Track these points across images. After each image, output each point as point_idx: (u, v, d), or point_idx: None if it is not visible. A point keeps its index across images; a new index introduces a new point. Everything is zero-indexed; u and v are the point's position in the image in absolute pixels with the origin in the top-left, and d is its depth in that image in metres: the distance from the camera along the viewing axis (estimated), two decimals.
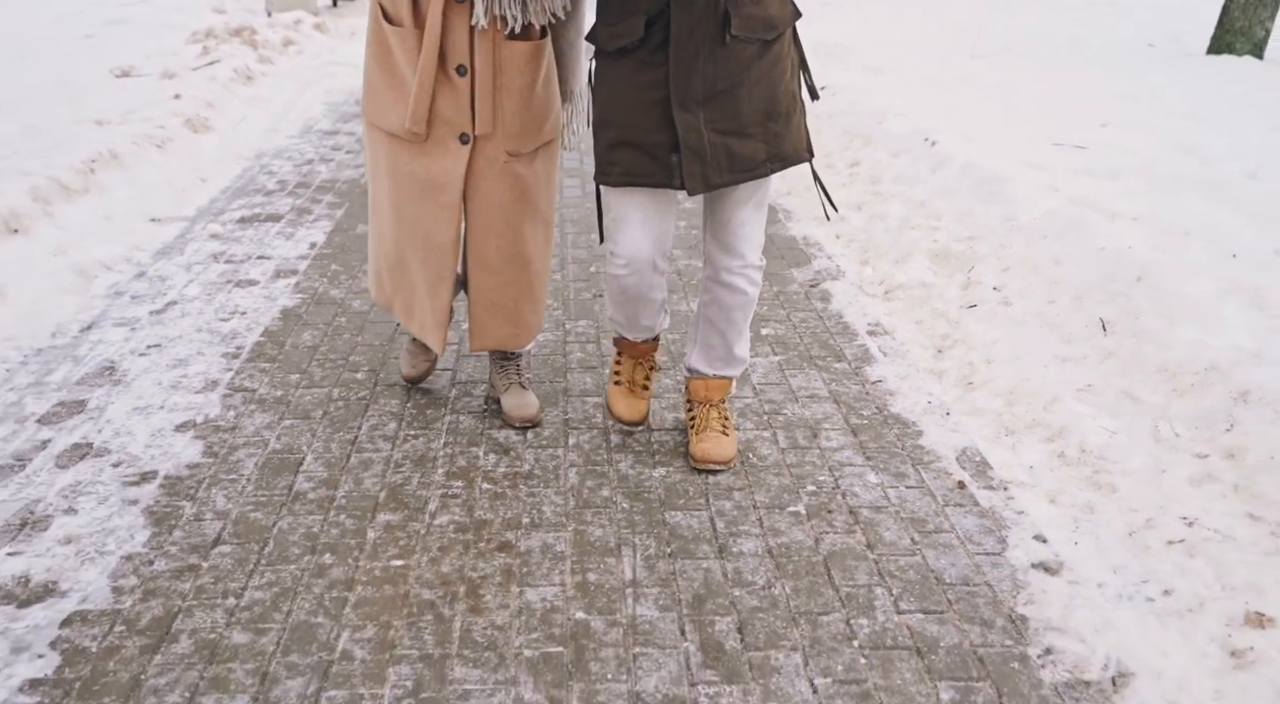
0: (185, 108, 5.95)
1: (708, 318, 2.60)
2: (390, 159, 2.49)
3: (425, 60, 2.36)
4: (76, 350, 3.26)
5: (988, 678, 1.93)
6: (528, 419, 2.79)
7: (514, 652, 1.98)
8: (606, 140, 2.37)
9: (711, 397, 2.66)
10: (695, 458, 2.60)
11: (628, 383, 2.76)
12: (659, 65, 2.26)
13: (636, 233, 2.41)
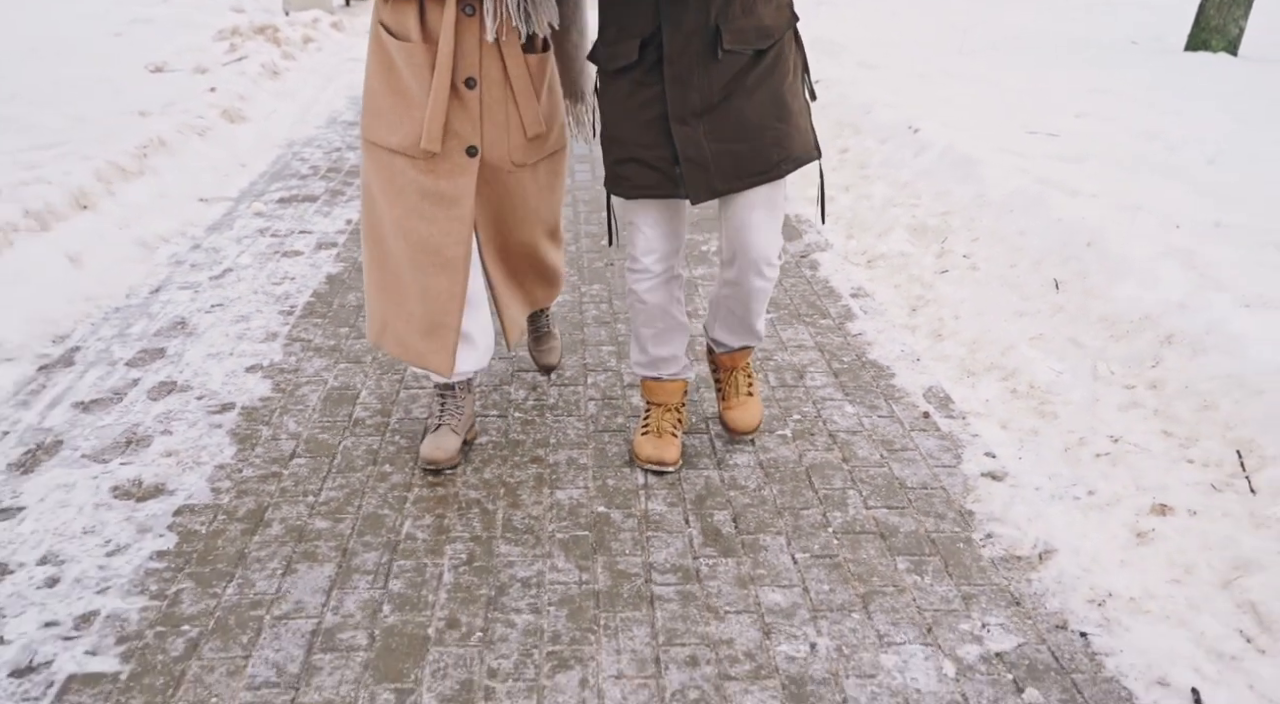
0: (220, 100, 6.39)
1: (725, 303, 2.67)
2: (396, 176, 2.44)
3: (439, 76, 2.34)
4: (149, 308, 3.69)
5: (937, 554, 2.36)
6: (549, 366, 3.13)
7: (548, 535, 2.41)
8: (614, 156, 2.46)
9: (736, 363, 2.80)
10: (726, 424, 2.79)
11: (655, 431, 2.70)
12: (654, 84, 2.32)
13: (649, 234, 2.51)
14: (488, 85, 2.40)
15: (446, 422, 2.69)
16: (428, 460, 2.62)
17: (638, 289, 2.57)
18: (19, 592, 2.17)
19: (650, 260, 2.53)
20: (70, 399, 3.01)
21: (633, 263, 2.56)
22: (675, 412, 2.73)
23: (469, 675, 1.97)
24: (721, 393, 2.83)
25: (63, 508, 2.48)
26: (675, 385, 2.72)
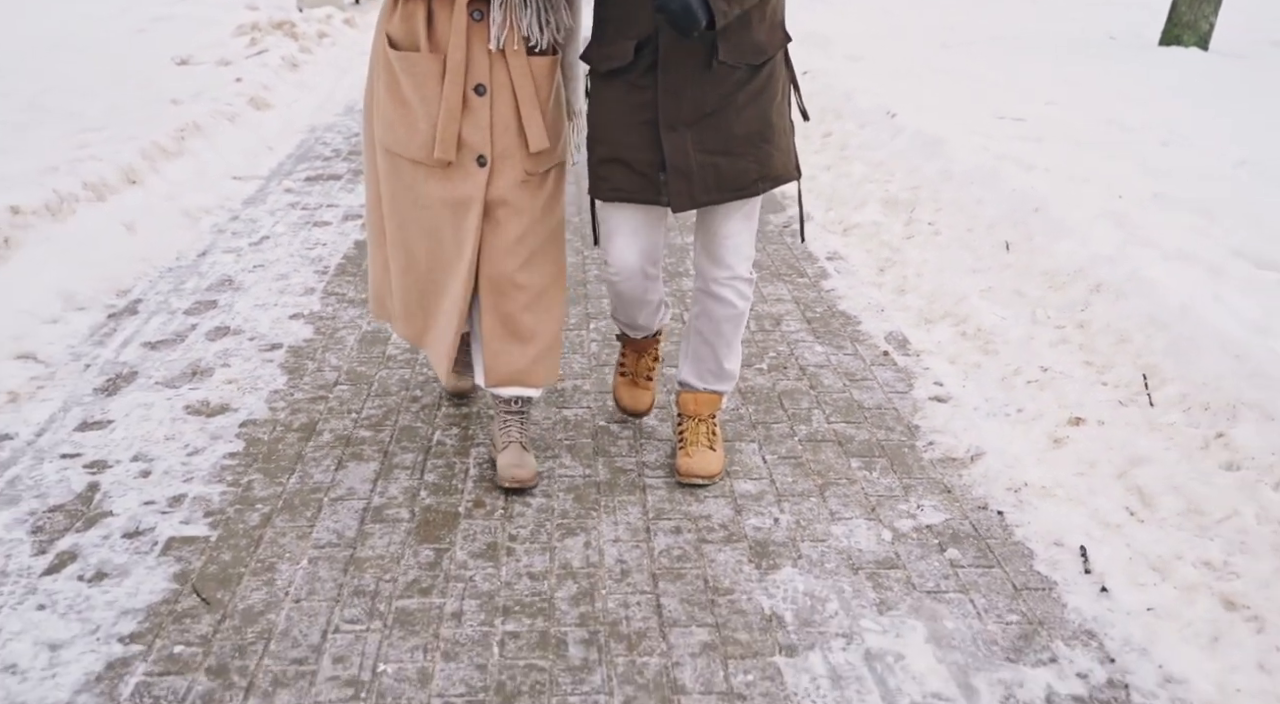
0: (246, 89, 6.83)
1: (698, 330, 2.63)
2: (413, 185, 2.43)
3: (451, 85, 2.32)
4: (198, 269, 4.13)
5: (885, 456, 2.80)
6: (521, 480, 2.57)
7: (556, 441, 2.85)
8: (598, 156, 2.43)
9: (700, 412, 2.68)
10: (680, 472, 2.63)
11: (632, 374, 2.85)
12: (647, 88, 2.31)
13: (625, 243, 2.48)
14: (497, 93, 2.36)
15: (517, 438, 2.64)
16: (519, 480, 2.57)
17: (614, 283, 2.57)
18: (119, 480, 2.62)
19: (623, 267, 2.50)
20: (139, 340, 3.45)
21: (607, 266, 2.54)
22: (649, 355, 2.85)
23: (493, 539, 2.41)
24: (680, 440, 2.69)
25: (145, 421, 2.92)
26: (648, 342, 2.83)
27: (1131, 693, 1.94)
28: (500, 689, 1.94)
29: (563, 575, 2.28)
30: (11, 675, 1.95)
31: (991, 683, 1.97)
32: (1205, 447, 2.64)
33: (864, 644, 2.07)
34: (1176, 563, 2.28)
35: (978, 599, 2.22)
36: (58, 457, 2.72)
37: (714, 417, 2.70)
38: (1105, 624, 2.13)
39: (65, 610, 2.14)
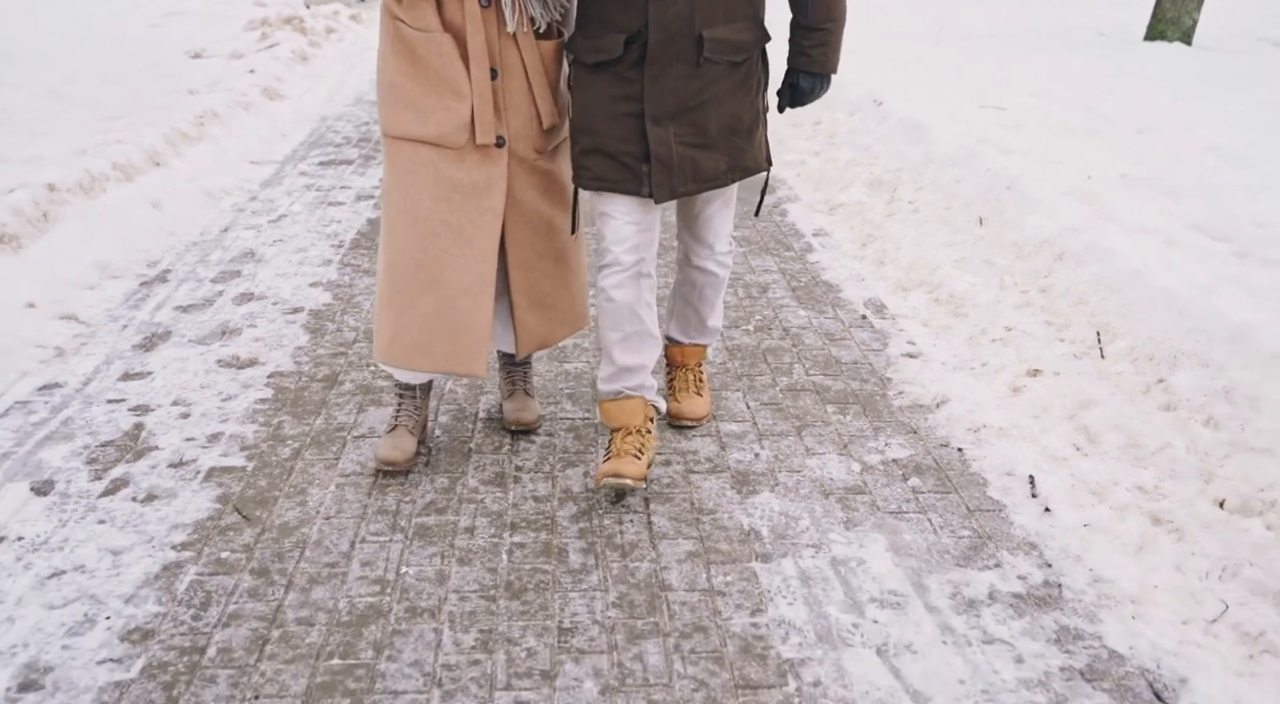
0: (259, 80, 7.10)
1: (682, 295, 2.81)
2: (423, 169, 2.42)
3: (477, 67, 2.36)
4: (222, 243, 4.40)
5: (858, 403, 3.06)
6: (525, 423, 2.81)
7: (558, 390, 3.12)
8: (581, 147, 2.46)
9: (688, 361, 2.89)
10: (671, 414, 2.84)
11: (616, 454, 2.52)
12: (634, 81, 2.37)
13: (621, 227, 2.49)
14: (507, 75, 2.41)
15: (403, 423, 2.69)
16: (385, 461, 2.60)
17: (606, 286, 2.51)
18: (161, 421, 2.89)
19: (621, 250, 2.49)
20: (171, 304, 3.72)
21: (603, 255, 2.52)
22: (638, 435, 2.56)
23: (501, 470, 2.68)
24: (670, 387, 2.92)
25: (181, 372, 3.19)
26: (634, 404, 2.57)
27: (1064, 591, 2.21)
28: (509, 587, 2.21)
29: (564, 499, 2.55)
30: (82, 574, 2.22)
31: (941, 582, 2.24)
32: (1147, 391, 2.91)
33: (831, 552, 2.34)
34: (1113, 488, 2.55)
35: (934, 518, 2.48)
36: (104, 401, 2.99)
37: (700, 365, 2.92)
38: (1046, 538, 2.39)
39: (123, 524, 2.41)
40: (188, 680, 1.93)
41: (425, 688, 1.92)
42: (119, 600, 2.14)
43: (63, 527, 2.39)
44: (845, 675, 1.96)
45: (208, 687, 1.92)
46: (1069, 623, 2.11)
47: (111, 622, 2.08)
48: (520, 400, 2.87)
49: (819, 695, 1.92)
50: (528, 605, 2.16)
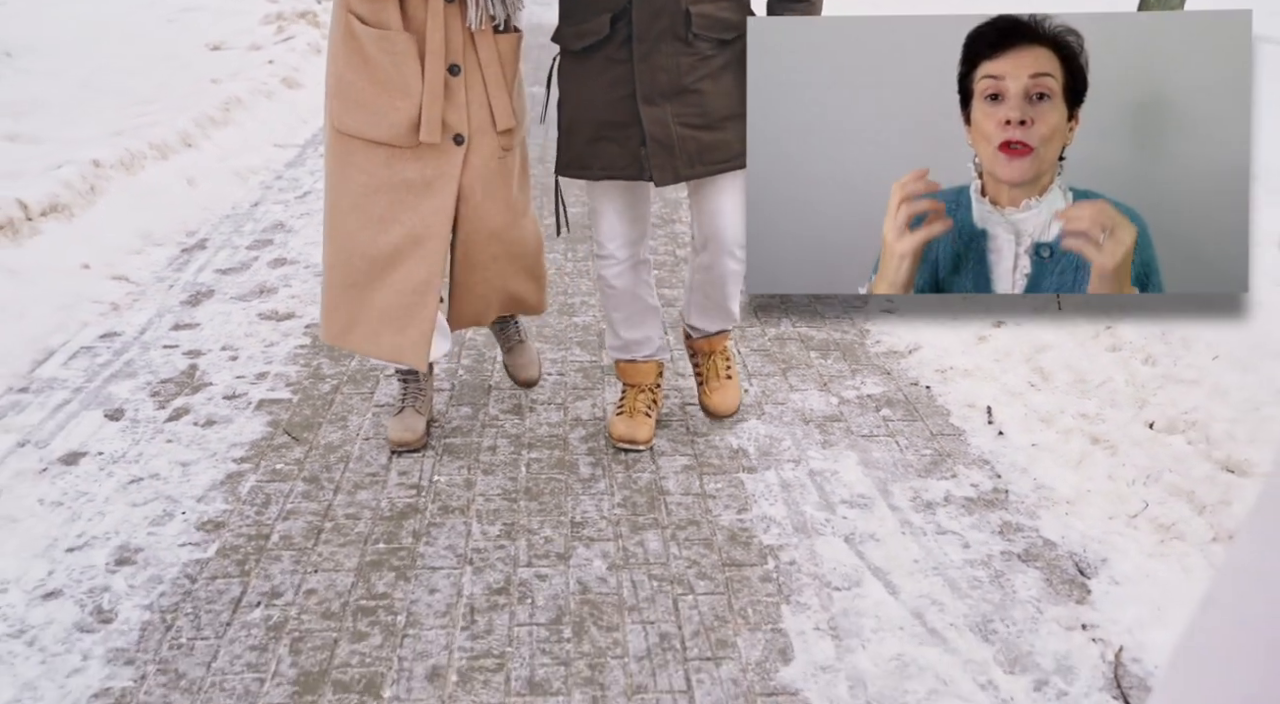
0: (278, 71, 7.44)
1: (699, 286, 2.71)
2: (376, 167, 2.39)
3: (433, 65, 2.32)
4: (253, 215, 4.74)
5: (839, 349, 3.40)
6: (529, 381, 2.94)
7: (569, 338, 3.45)
8: (584, 136, 2.43)
9: (714, 347, 2.80)
10: (706, 409, 2.81)
11: (629, 411, 2.73)
12: (624, 61, 2.35)
13: (613, 220, 2.54)
14: (469, 71, 2.39)
15: (409, 404, 2.74)
16: (398, 443, 2.67)
17: (605, 275, 2.62)
18: (213, 362, 3.23)
19: (614, 246, 2.56)
20: (211, 268, 4.06)
21: (599, 248, 2.60)
22: (650, 392, 2.78)
23: (519, 401, 3.01)
24: (700, 377, 2.83)
25: (226, 323, 3.53)
26: (648, 366, 2.76)
27: (1009, 495, 2.55)
28: (527, 491, 2.55)
29: (574, 424, 2.89)
30: (157, 480, 2.56)
31: (903, 489, 2.58)
32: (1096, 336, 3.25)
33: (809, 466, 2.68)
34: (1060, 415, 2.88)
35: (901, 440, 2.82)
36: (160, 347, 3.33)
37: (725, 348, 2.83)
38: (997, 455, 2.73)
39: (189, 443, 2.75)
40: (256, 558, 2.27)
41: (458, 566, 2.26)
42: (192, 500, 2.48)
43: (136, 445, 2.73)
44: (816, 557, 2.30)
45: (274, 563, 2.25)
46: (1011, 519, 2.45)
47: (187, 516, 2.42)
48: (519, 353, 2.95)
49: (794, 571, 2.25)
50: (544, 505, 2.49)
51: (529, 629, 2.06)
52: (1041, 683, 1.94)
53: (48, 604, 2.11)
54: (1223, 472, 2.49)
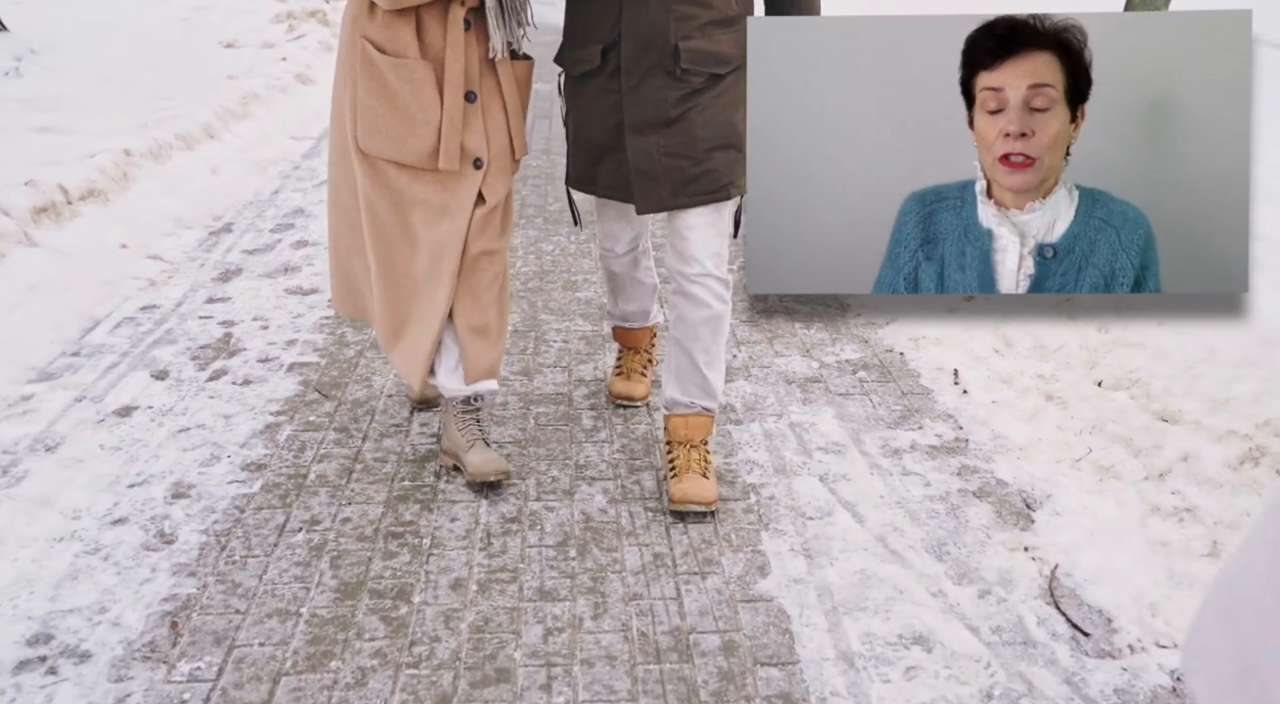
0: (291, 67, 7.73)
1: (676, 339, 2.56)
2: (404, 185, 2.41)
3: (452, 95, 2.33)
4: (274, 202, 5.03)
5: (821, 321, 3.69)
6: (500, 472, 2.55)
7: (571, 309, 3.74)
8: (588, 156, 2.49)
9: (692, 436, 2.56)
10: (674, 499, 2.48)
11: (626, 371, 3.03)
12: (615, 91, 2.36)
13: (613, 227, 2.69)
14: (487, 98, 2.40)
15: (481, 436, 2.64)
16: (498, 473, 2.55)
17: (608, 263, 2.82)
18: (246, 331, 3.51)
19: (615, 244, 2.74)
20: (239, 248, 4.35)
21: (602, 245, 2.78)
22: (644, 353, 3.04)
23: (526, 365, 3.30)
24: (671, 468, 2.55)
25: (256, 298, 3.82)
26: (643, 332, 2.98)
27: (969, 444, 2.83)
28: (535, 439, 2.84)
29: (577, 384, 3.18)
30: (203, 429, 2.85)
31: (874, 438, 2.86)
32: (1057, 307, 3.53)
33: (790, 419, 2.97)
34: (1019, 376, 3.17)
35: (874, 398, 3.11)
36: (197, 318, 3.62)
37: (705, 443, 2.58)
38: (960, 410, 3.02)
39: (229, 399, 3.04)
40: (296, 493, 2.56)
41: (475, 499, 2.55)
42: (235, 446, 2.77)
43: (181, 400, 3.02)
44: (794, 493, 2.59)
45: (312, 497, 2.54)
46: (969, 463, 2.74)
47: (232, 459, 2.71)
48: (482, 451, 2.59)
49: (773, 504, 2.54)
50: (550, 451, 2.78)
51: (539, 550, 2.35)
52: (985, 592, 2.22)
53: (116, 529, 2.40)
54: (1158, 421, 2.78)
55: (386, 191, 2.43)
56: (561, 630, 2.09)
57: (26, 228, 3.88)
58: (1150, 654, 2.04)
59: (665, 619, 2.13)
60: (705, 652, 2.04)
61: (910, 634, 2.09)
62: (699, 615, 2.14)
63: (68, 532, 2.38)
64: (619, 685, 1.95)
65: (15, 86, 6.72)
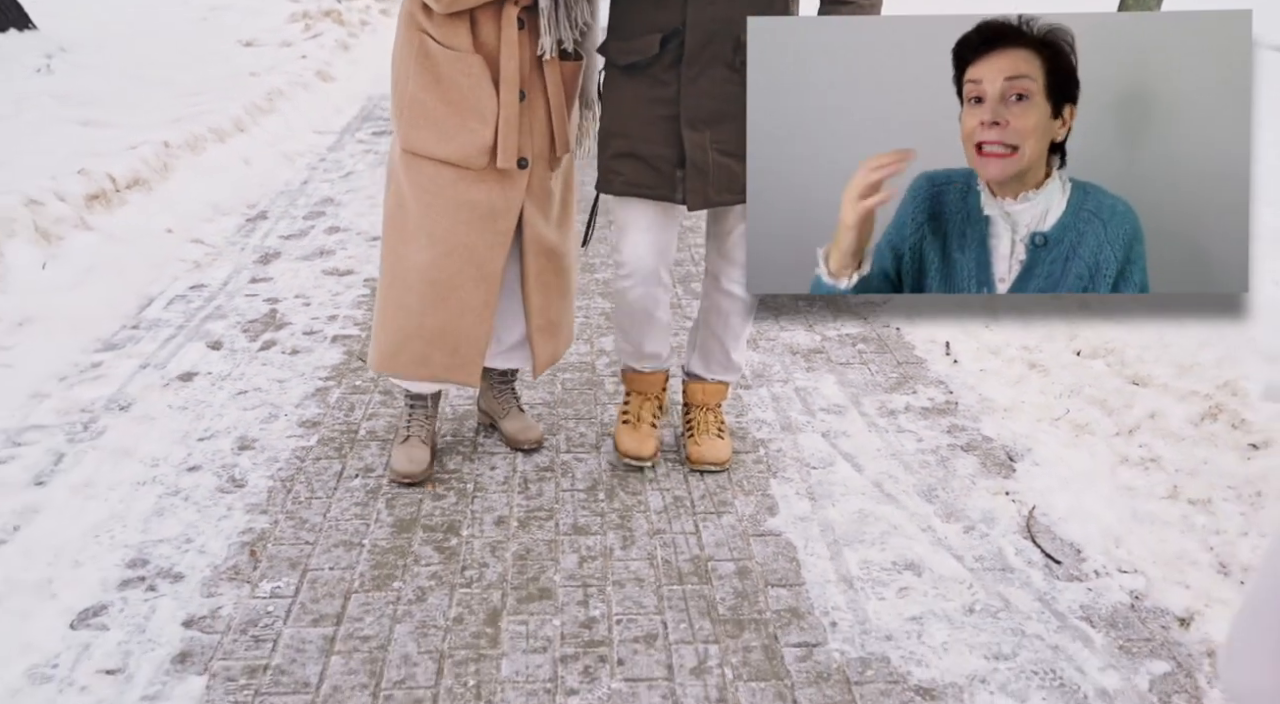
0: (311, 65, 8.01)
1: (707, 323, 2.68)
2: (443, 188, 2.39)
3: (507, 91, 2.34)
4: (304, 191, 5.31)
5: (823, 300, 3.96)
6: (535, 440, 2.80)
7: (591, 289, 4.02)
8: (612, 150, 2.42)
9: (709, 401, 2.74)
10: (691, 459, 2.68)
11: (635, 420, 2.74)
12: (669, 83, 2.32)
13: (639, 239, 2.49)
14: (533, 96, 2.41)
15: (415, 433, 2.69)
16: (402, 475, 2.62)
17: (623, 291, 2.57)
18: (290, 308, 3.79)
19: (637, 265, 2.52)
20: (275, 234, 4.63)
21: (619, 267, 2.55)
22: (655, 400, 2.78)
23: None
24: (688, 429, 2.76)
25: (295, 278, 4.09)
26: (655, 377, 2.76)
27: (958, 406, 3.11)
28: (562, 401, 3.11)
29: (599, 354, 3.45)
30: (260, 392, 3.13)
31: (872, 400, 3.14)
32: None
33: (795, 384, 3.24)
34: (1006, 347, 3.44)
35: (872, 366, 3.38)
36: (243, 295, 3.90)
37: (719, 405, 2.77)
38: (951, 377, 3.29)
39: (280, 366, 3.31)
40: (350, 446, 2.84)
41: (512, 452, 2.82)
42: (291, 406, 3.05)
43: (237, 367, 3.30)
44: (799, 446, 2.87)
45: (365, 449, 2.82)
46: (958, 422, 3.01)
47: (289, 416, 2.99)
48: (519, 419, 2.85)
49: (780, 456, 2.82)
50: (578, 411, 3.06)
51: (571, 493, 2.63)
52: (969, 528, 2.50)
53: (192, 475, 2.67)
54: (1130, 385, 3.05)
55: (424, 193, 2.40)
56: (594, 558, 2.37)
57: (81, 213, 4.16)
58: (1113, 578, 2.31)
59: (686, 549, 2.41)
60: (722, 576, 2.32)
61: (902, 561, 2.37)
62: (715, 546, 2.42)
63: (149, 477, 2.65)
64: (647, 602, 2.23)
65: (49, 83, 7.00)
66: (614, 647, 2.09)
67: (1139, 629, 2.15)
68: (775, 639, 2.12)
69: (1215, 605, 2.20)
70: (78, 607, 2.17)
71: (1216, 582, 2.28)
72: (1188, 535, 2.43)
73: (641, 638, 2.12)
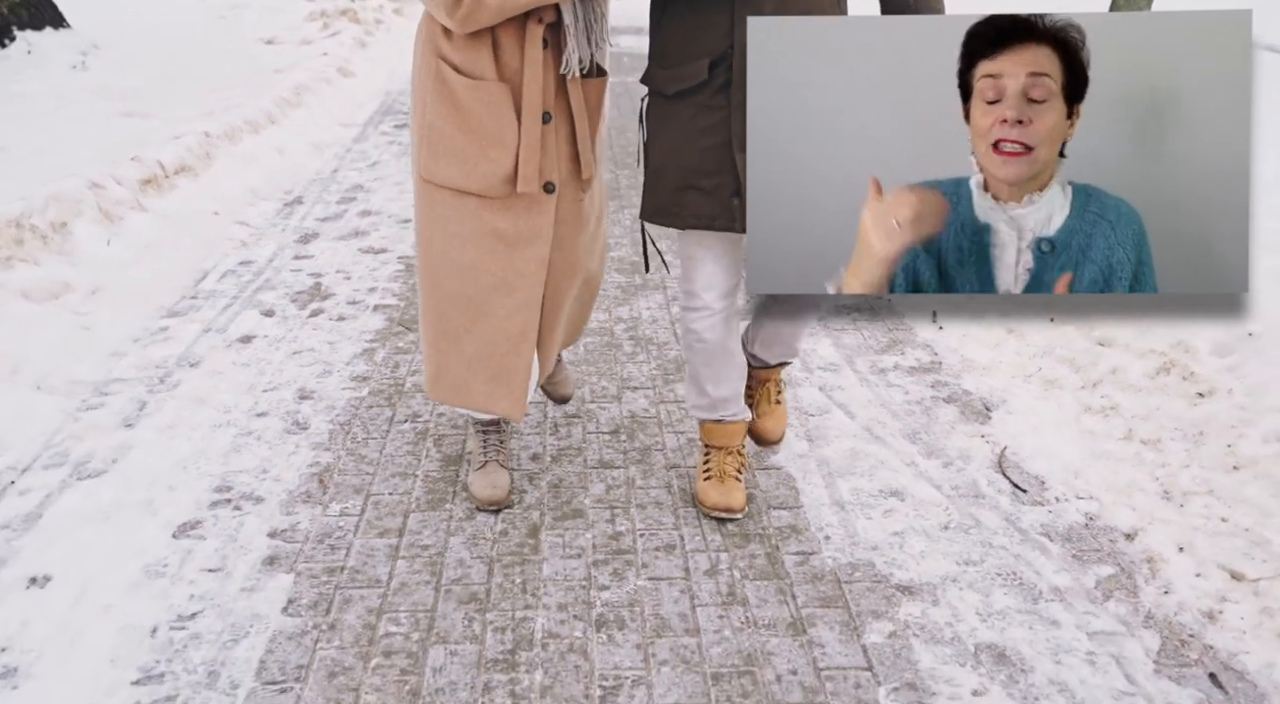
0: (331, 62, 8.36)
1: (770, 315, 2.69)
2: (466, 219, 2.34)
3: (530, 116, 2.27)
4: (335, 179, 5.66)
5: None
6: (569, 395, 3.11)
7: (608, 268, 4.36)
8: (671, 185, 2.35)
9: (770, 376, 2.80)
10: (758, 436, 2.79)
11: (718, 475, 2.60)
12: (719, 108, 2.25)
13: (713, 269, 2.42)
14: (558, 117, 2.35)
15: (492, 458, 2.65)
16: (488, 502, 2.58)
17: (697, 328, 2.49)
18: (333, 281, 4.14)
19: (711, 297, 2.45)
20: (312, 216, 4.98)
21: (690, 298, 2.47)
22: (738, 455, 2.62)
23: None
24: (751, 401, 2.77)
25: (334, 255, 4.44)
26: (736, 427, 2.61)
27: (942, 366, 3.45)
28: (585, 361, 3.46)
29: (617, 321, 3.80)
30: (313, 352, 3.48)
31: (864, 360, 3.49)
32: None
33: None
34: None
35: (865, 332, 3.73)
36: (288, 270, 4.25)
37: (779, 376, 2.83)
38: (937, 342, 3.64)
39: (329, 331, 3.66)
40: (398, 396, 3.18)
41: (544, 400, 3.17)
42: (342, 364, 3.40)
43: (290, 331, 3.64)
44: (798, 397, 3.21)
45: (411, 399, 3.17)
46: (941, 379, 3.36)
47: (341, 372, 3.34)
48: (559, 371, 3.03)
49: None
50: (599, 368, 3.41)
51: (596, 435, 2.98)
52: (948, 463, 2.85)
53: (261, 419, 3.02)
54: (1096, 345, 3.40)
55: (447, 224, 2.36)
56: (619, 487, 2.72)
57: (137, 196, 4.51)
58: (1071, 503, 2.66)
59: None
60: None
61: (888, 489, 2.72)
62: None
63: (223, 421, 3.01)
64: (665, 520, 2.57)
65: (86, 78, 7.36)
66: (638, 554, 2.44)
67: (1090, 542, 2.50)
68: (777, 548, 2.46)
69: (1157, 523, 2.54)
70: (177, 521, 2.52)
71: (1160, 505, 2.62)
72: (1138, 468, 2.78)
73: (662, 547, 2.46)
